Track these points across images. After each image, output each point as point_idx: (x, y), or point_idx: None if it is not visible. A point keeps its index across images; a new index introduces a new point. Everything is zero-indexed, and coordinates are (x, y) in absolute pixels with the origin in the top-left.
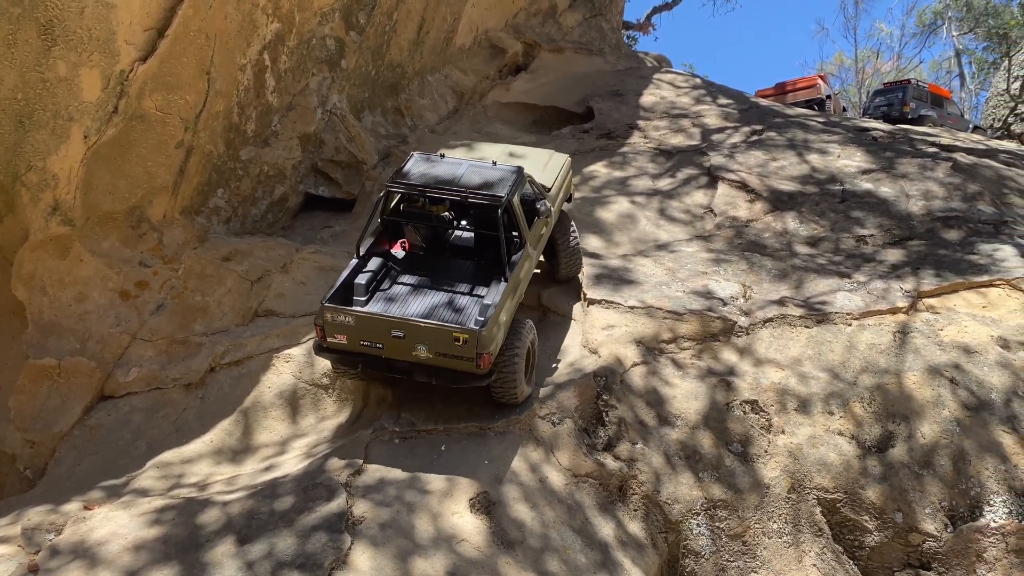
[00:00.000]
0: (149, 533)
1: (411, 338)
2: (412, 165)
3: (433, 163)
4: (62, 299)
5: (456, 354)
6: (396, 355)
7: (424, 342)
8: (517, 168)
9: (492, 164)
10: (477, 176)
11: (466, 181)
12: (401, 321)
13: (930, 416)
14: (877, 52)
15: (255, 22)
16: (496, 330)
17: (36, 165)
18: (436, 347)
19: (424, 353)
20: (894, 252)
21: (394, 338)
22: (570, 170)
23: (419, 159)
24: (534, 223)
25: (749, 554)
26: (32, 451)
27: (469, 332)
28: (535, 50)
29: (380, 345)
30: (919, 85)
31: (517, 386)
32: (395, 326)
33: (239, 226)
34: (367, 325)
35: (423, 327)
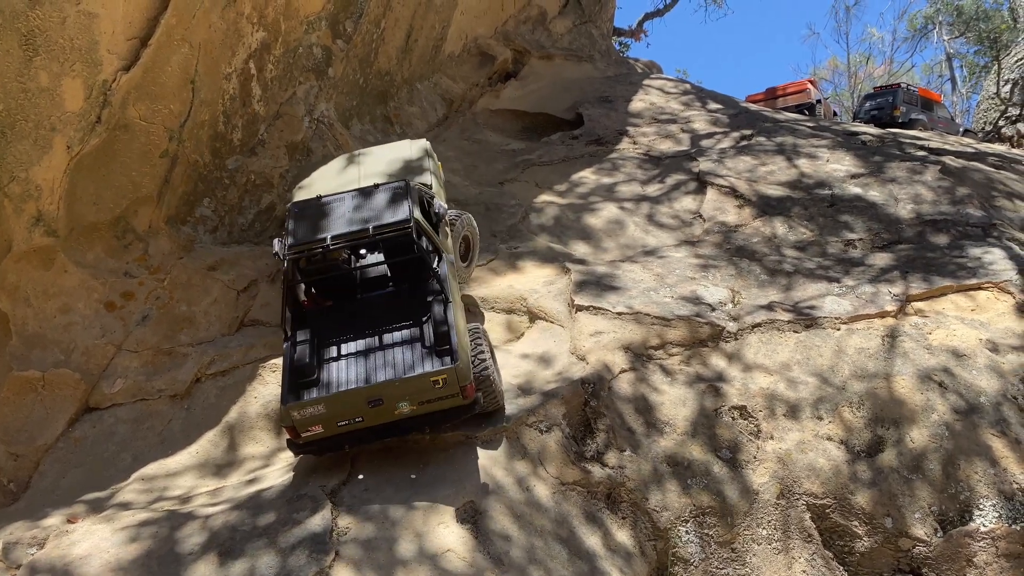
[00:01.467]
0: (131, 549)
1: (390, 399)
2: (298, 220)
3: (319, 209)
4: (46, 310)
5: (440, 396)
6: (379, 420)
7: (405, 398)
8: (403, 183)
9: (376, 187)
10: (373, 205)
11: (364, 215)
12: (373, 387)
13: (919, 420)
14: (868, 56)
15: (240, 31)
16: (466, 355)
17: (19, 176)
18: (418, 397)
19: (408, 408)
20: (883, 256)
21: (372, 406)
22: (433, 154)
23: (301, 211)
24: (439, 229)
25: (739, 561)
26: (16, 464)
27: (447, 371)
28: (525, 57)
29: (359, 419)
30: (909, 89)
31: (498, 393)
32: (372, 394)
33: (226, 235)
34: (340, 405)
35: (397, 384)
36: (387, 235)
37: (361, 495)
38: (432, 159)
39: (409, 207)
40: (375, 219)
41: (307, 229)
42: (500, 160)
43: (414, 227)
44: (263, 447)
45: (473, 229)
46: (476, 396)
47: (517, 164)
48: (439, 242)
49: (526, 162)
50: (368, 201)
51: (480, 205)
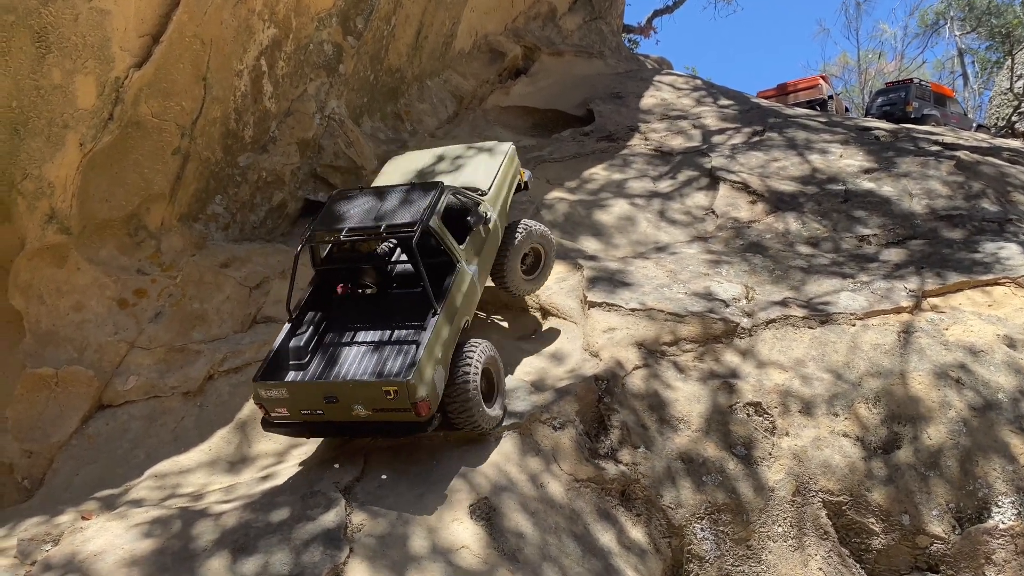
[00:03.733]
0: (144, 545)
1: (345, 399)
2: (329, 207)
3: (351, 199)
4: (60, 308)
5: (392, 407)
6: (336, 417)
7: (358, 401)
8: (436, 185)
9: (410, 186)
10: (392, 203)
11: (381, 212)
12: (329, 384)
13: (936, 417)
14: (880, 53)
15: (251, 28)
16: (430, 371)
17: (32, 173)
18: (371, 404)
19: (363, 411)
20: (897, 251)
21: (328, 403)
22: (514, 160)
23: (336, 198)
24: (470, 236)
25: (754, 558)
26: (30, 461)
27: (397, 385)
28: (535, 54)
29: (320, 411)
30: (922, 84)
31: (476, 416)
32: (326, 390)
33: (238, 232)
34: (299, 394)
35: (351, 386)
36: (395, 234)
37: (375, 491)
38: (507, 164)
39: (426, 210)
40: (390, 217)
41: (333, 218)
42: None
43: (418, 231)
44: (276, 444)
45: (546, 241)
46: (433, 415)
47: (528, 161)
48: (456, 249)
49: (537, 159)
50: (394, 198)
51: None
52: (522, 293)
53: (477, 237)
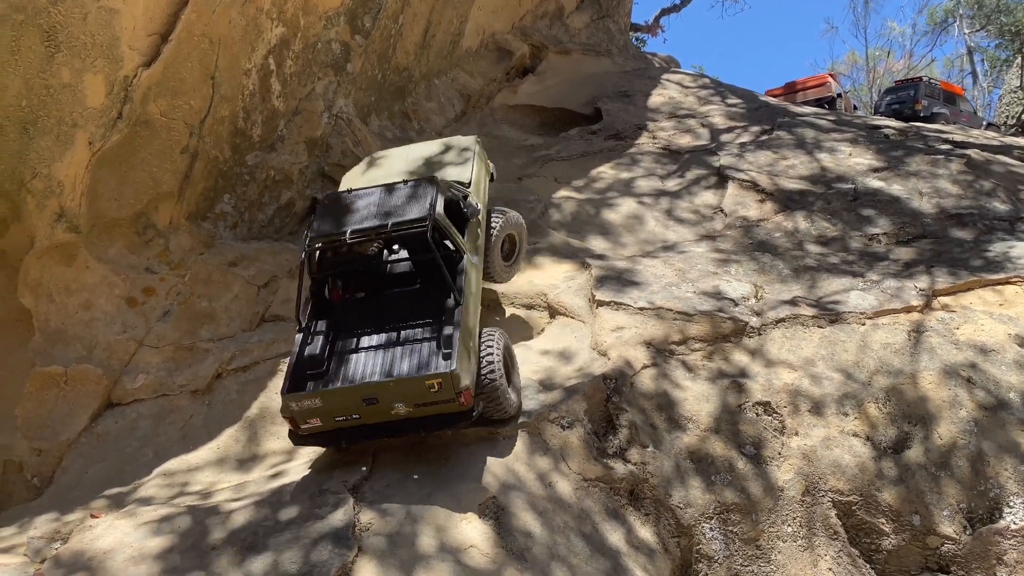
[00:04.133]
0: (153, 543)
1: (386, 399)
2: (323, 213)
3: (344, 202)
4: (68, 306)
5: (436, 400)
6: (376, 419)
7: (400, 399)
8: (432, 179)
9: (404, 183)
10: (394, 201)
11: (385, 210)
12: (368, 385)
13: (947, 416)
14: (889, 51)
15: (260, 26)
16: (467, 360)
17: (41, 172)
18: (414, 400)
19: (404, 409)
20: (907, 250)
21: (368, 404)
22: (483, 152)
23: (328, 204)
24: (467, 228)
25: (763, 558)
26: (39, 459)
27: (442, 376)
28: (542, 52)
29: (357, 416)
30: (931, 82)
31: (504, 402)
32: (365, 392)
33: (246, 231)
34: (336, 401)
35: (393, 384)
36: (404, 231)
37: (383, 490)
38: (478, 155)
39: (431, 204)
40: (397, 214)
41: (330, 222)
42: (518, 155)
43: (431, 225)
44: (284, 442)
45: (520, 227)
46: (475, 403)
47: (536, 159)
48: (461, 242)
49: (545, 157)
50: (394, 196)
51: (499, 201)
52: (502, 280)
53: (474, 229)
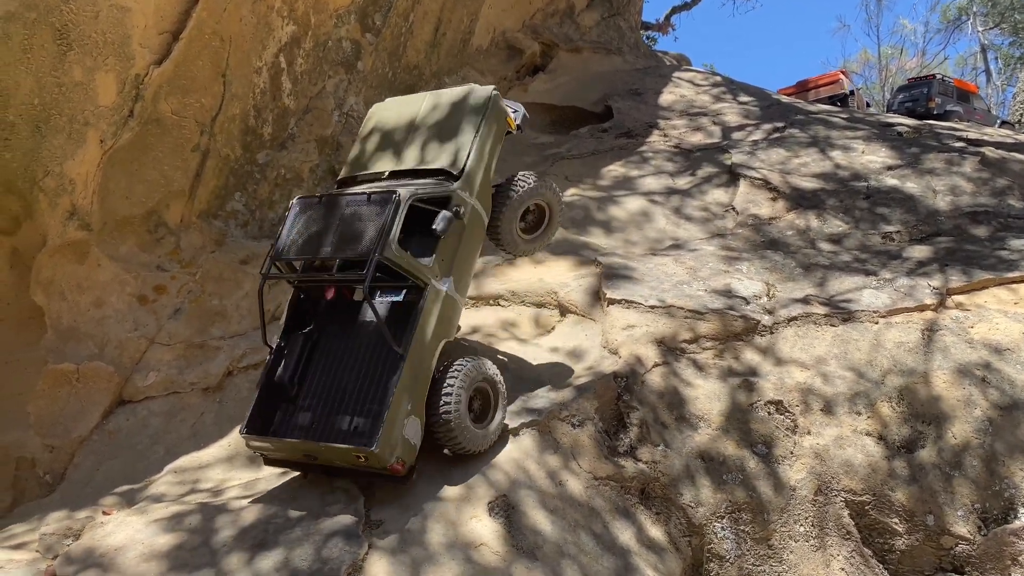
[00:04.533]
0: (164, 540)
1: (323, 458)
2: (288, 226)
3: (309, 214)
4: (80, 304)
5: (368, 467)
6: (327, 463)
7: (335, 459)
8: (391, 199)
9: (368, 197)
10: (351, 223)
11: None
12: (306, 445)
13: (961, 416)
14: (901, 49)
15: (270, 24)
16: (399, 429)
17: (53, 170)
18: (348, 463)
19: (346, 464)
20: (921, 249)
21: (309, 458)
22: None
23: (296, 213)
24: (440, 243)
25: (775, 558)
26: (51, 456)
27: (367, 454)
28: (553, 50)
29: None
30: (944, 80)
31: (461, 443)
32: (304, 449)
33: (256, 230)
34: (283, 448)
35: (324, 449)
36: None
37: (393, 488)
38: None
39: (376, 241)
40: (344, 246)
41: (291, 238)
42: (529, 154)
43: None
44: None
45: (550, 196)
46: (412, 468)
47: (546, 157)
48: (422, 272)
49: (555, 155)
50: (353, 215)
51: None
52: (519, 254)
53: (449, 240)
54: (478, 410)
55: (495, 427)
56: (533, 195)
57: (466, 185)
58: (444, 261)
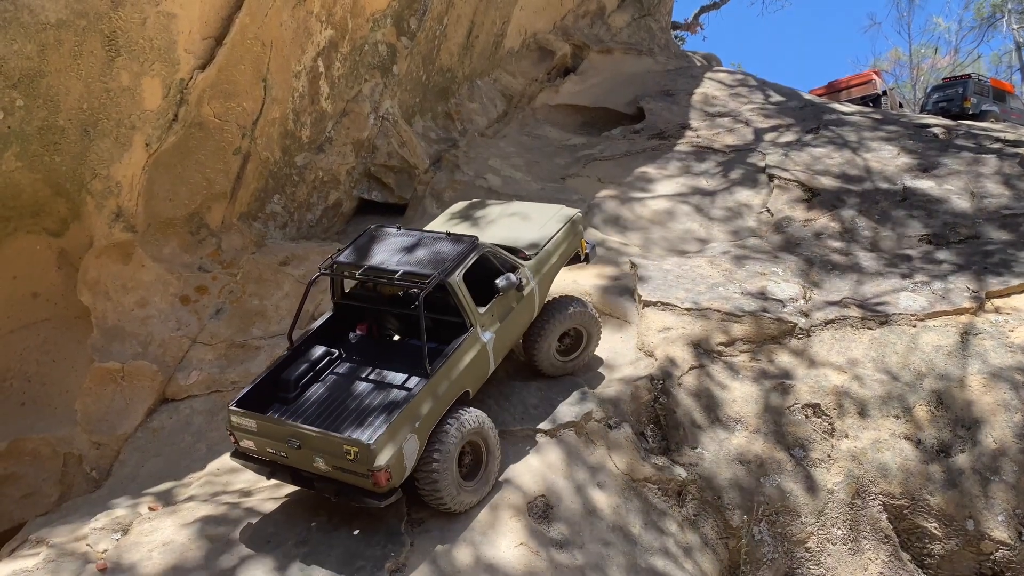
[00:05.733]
0: (209, 536)
1: (307, 447)
2: (358, 242)
3: (383, 238)
4: (125, 304)
5: (351, 469)
6: (298, 464)
7: (320, 453)
8: (469, 240)
9: (445, 235)
10: (422, 251)
11: (406, 257)
12: (294, 428)
13: (999, 420)
14: (935, 48)
15: (309, 29)
16: (401, 439)
17: (100, 173)
18: (331, 459)
19: (323, 465)
20: (958, 251)
21: (292, 447)
22: (577, 227)
23: (370, 235)
24: (496, 299)
25: (813, 560)
26: (98, 452)
27: (359, 446)
28: (584, 52)
29: (284, 454)
30: (980, 79)
31: (440, 495)
32: (290, 434)
33: (295, 231)
34: (267, 431)
35: (314, 436)
36: (407, 283)
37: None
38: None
39: (448, 265)
40: (412, 264)
41: (358, 253)
42: (561, 155)
43: (431, 285)
44: None
45: (589, 322)
46: (393, 489)
47: (578, 159)
48: (472, 313)
49: (587, 157)
50: (426, 245)
51: (542, 201)
52: (553, 373)
53: (504, 303)
54: (469, 465)
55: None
56: (569, 320)
57: (533, 270)
58: (493, 317)
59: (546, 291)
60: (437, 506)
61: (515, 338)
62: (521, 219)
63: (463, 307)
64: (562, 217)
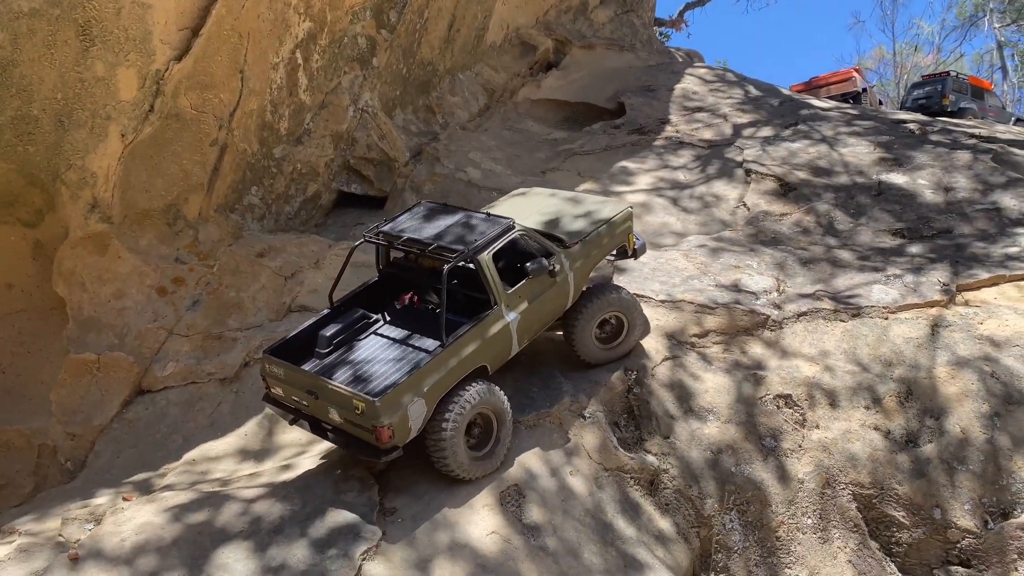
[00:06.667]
0: (182, 527)
1: (323, 398)
2: (405, 215)
3: (426, 214)
4: (101, 295)
5: (359, 423)
6: (316, 414)
7: (334, 404)
8: (506, 223)
9: (485, 215)
10: (457, 227)
11: (442, 232)
12: (313, 379)
13: (968, 410)
14: (916, 46)
15: (287, 21)
16: (406, 401)
17: (75, 163)
18: (344, 412)
19: (336, 416)
20: (930, 245)
21: (310, 396)
22: (626, 222)
23: (418, 209)
24: (525, 281)
25: (783, 550)
26: (73, 443)
27: (366, 402)
28: (566, 47)
29: (305, 403)
30: (959, 77)
31: (447, 462)
32: (309, 383)
33: (273, 223)
34: (291, 379)
35: (329, 388)
36: (437, 256)
37: (407, 477)
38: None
39: (480, 244)
40: (446, 239)
41: (400, 224)
42: (542, 149)
43: (456, 260)
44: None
45: (629, 310)
46: (394, 447)
47: (559, 153)
48: (498, 291)
49: (568, 151)
50: (462, 222)
51: None
52: (593, 360)
53: (534, 286)
54: (478, 436)
55: (493, 457)
56: (608, 306)
57: (570, 258)
58: (519, 299)
59: (583, 280)
60: (445, 472)
61: (544, 322)
62: (572, 208)
63: (489, 285)
64: (611, 211)
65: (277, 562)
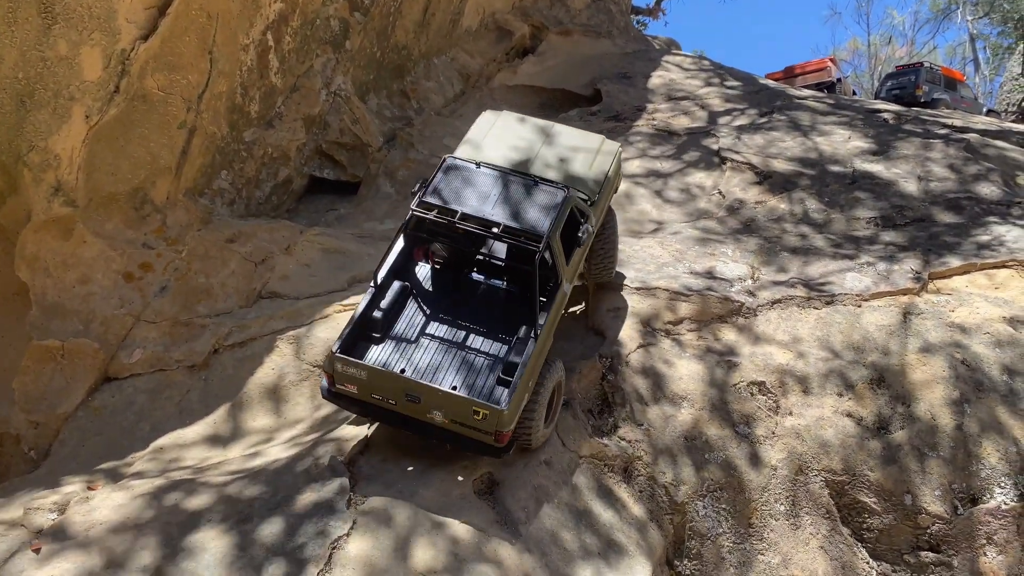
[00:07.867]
0: (149, 515)
1: (427, 402)
2: (442, 179)
3: (466, 177)
4: (65, 280)
5: (474, 425)
6: (409, 413)
7: (441, 408)
8: (564, 192)
9: (535, 182)
10: (517, 199)
11: (504, 206)
12: (417, 384)
13: (939, 397)
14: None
15: (258, 2)
16: (519, 402)
17: (38, 145)
18: (453, 415)
19: (439, 418)
20: (904, 233)
21: (408, 399)
22: (620, 165)
23: (450, 170)
24: (573, 254)
25: (756, 536)
26: (36, 432)
27: (491, 410)
28: (543, 33)
29: (393, 401)
30: (932, 68)
31: (532, 438)
32: (410, 388)
33: (243, 208)
34: (380, 381)
35: (441, 394)
36: (515, 243)
37: (379, 465)
38: (615, 167)
39: (552, 226)
40: (512, 217)
41: (446, 193)
42: None
43: (543, 250)
44: (281, 418)
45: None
46: (512, 443)
47: None
48: (564, 270)
49: None
50: (517, 193)
51: None
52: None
53: (577, 256)
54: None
55: (552, 423)
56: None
57: (596, 213)
58: (571, 270)
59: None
60: (524, 445)
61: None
62: (571, 152)
63: (557, 266)
64: (608, 152)
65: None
